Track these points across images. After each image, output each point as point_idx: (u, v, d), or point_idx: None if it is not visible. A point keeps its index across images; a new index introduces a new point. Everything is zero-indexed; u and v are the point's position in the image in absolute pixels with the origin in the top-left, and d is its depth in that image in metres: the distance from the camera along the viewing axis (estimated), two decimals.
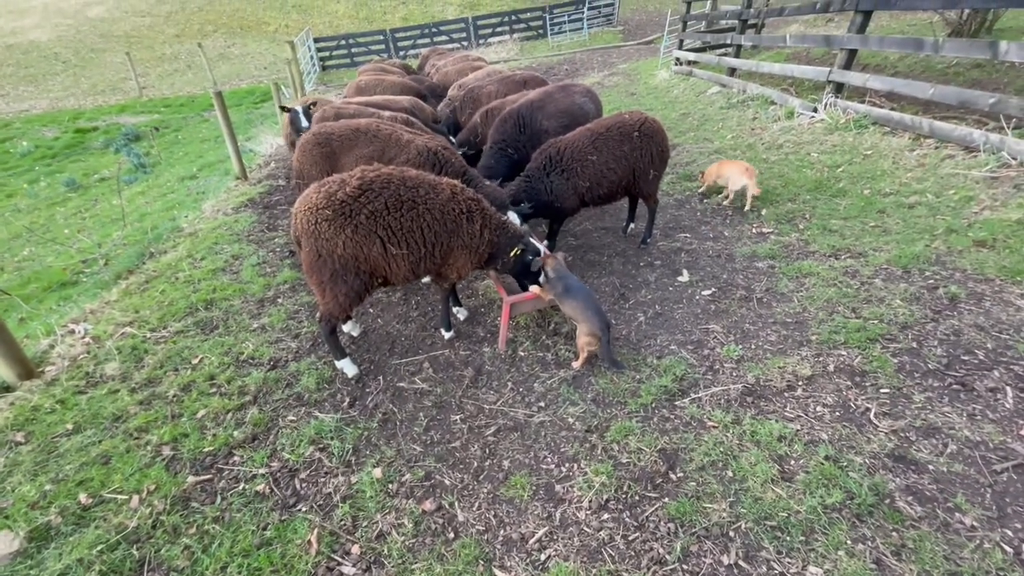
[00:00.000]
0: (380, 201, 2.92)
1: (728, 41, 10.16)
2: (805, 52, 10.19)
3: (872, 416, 2.79)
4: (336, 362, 3.41)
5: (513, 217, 3.86)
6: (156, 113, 14.60)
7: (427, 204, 3.03)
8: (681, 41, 11.85)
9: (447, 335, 3.77)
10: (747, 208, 5.66)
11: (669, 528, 2.38)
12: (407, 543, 2.45)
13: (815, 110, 6.90)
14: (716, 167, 5.76)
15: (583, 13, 20.28)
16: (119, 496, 2.71)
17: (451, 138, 6.22)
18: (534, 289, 3.46)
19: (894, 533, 2.28)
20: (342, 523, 2.52)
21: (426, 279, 3.87)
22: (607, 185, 4.34)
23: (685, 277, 4.32)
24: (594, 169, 4.24)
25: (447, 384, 3.34)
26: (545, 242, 4.84)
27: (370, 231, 2.91)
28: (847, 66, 6.80)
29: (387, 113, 5.66)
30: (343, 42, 19.27)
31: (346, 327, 3.81)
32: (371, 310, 4.20)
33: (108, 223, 6.69)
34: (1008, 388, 2.83)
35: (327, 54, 19.14)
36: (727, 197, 5.42)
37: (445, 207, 3.09)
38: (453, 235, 3.15)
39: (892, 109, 6.41)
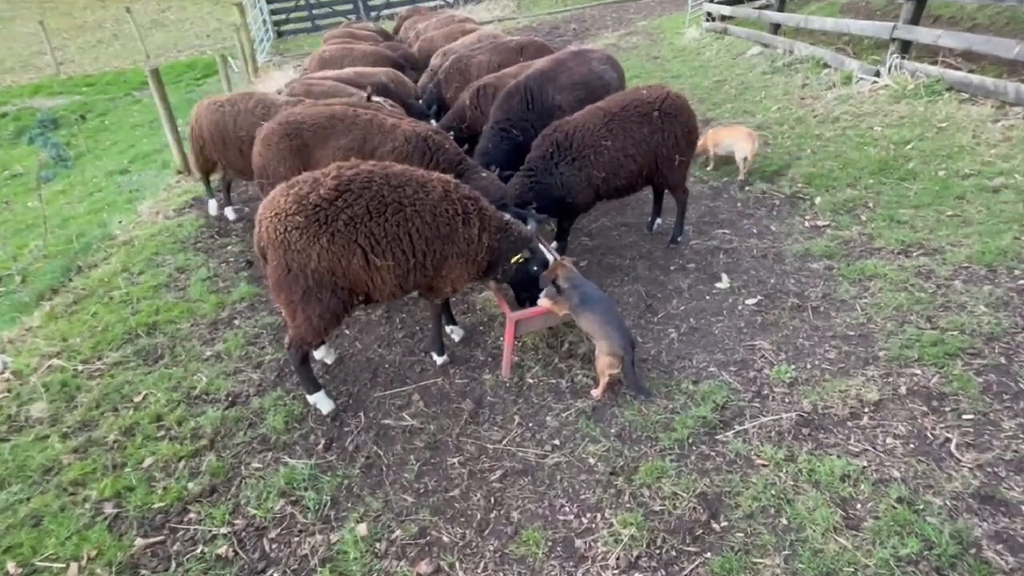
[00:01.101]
0: (361, 204, 2.97)
1: None
2: (863, 3, 10.29)
3: (953, 448, 2.83)
4: (308, 396, 3.46)
5: (526, 222, 3.90)
6: (77, 94, 14.78)
7: (416, 206, 3.07)
8: None
9: (440, 360, 3.79)
10: (740, 177, 5.80)
11: None
12: None
13: (877, 74, 6.99)
14: (712, 135, 5.87)
15: None
16: (54, 565, 2.76)
17: (432, 120, 6.28)
18: (543, 302, 3.50)
19: None
20: None
21: (414, 294, 3.92)
22: (625, 175, 4.38)
23: (725, 283, 4.35)
24: (610, 156, 4.30)
25: (442, 420, 3.39)
26: (554, 243, 4.94)
27: (350, 240, 2.96)
28: (914, 20, 6.89)
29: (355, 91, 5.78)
30: (302, 2, 19.50)
31: (318, 354, 3.89)
32: (348, 332, 4.25)
33: (23, 230, 6.77)
34: None
35: (283, 17, 19.27)
36: (712, 163, 5.51)
37: (437, 208, 3.14)
38: (447, 241, 3.20)
39: (970, 71, 6.49)
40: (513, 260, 3.46)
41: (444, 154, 4.21)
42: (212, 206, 6.02)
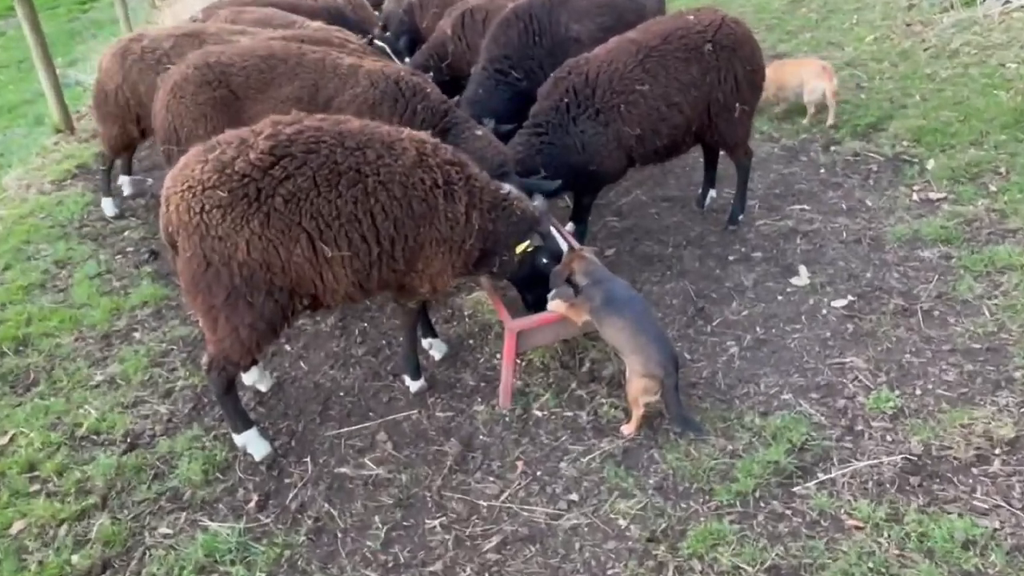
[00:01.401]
0: (305, 173, 2.97)
1: None
2: None
3: None
4: (236, 437, 3.45)
5: (531, 196, 3.89)
6: None
7: (381, 175, 3.09)
8: None
9: (415, 386, 3.81)
10: (830, 123, 5.82)
11: None
12: None
13: None
14: (772, 71, 5.82)
15: None
16: None
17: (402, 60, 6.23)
18: (555, 306, 3.49)
19: None
20: None
21: (380, 296, 3.94)
22: (668, 132, 4.39)
23: (803, 278, 4.35)
24: (647, 107, 4.31)
25: (418, 468, 3.39)
26: (570, 226, 4.96)
27: (291, 222, 2.97)
28: None
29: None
30: None
31: (248, 378, 3.88)
32: (289, 348, 4.26)
33: None
34: None
35: None
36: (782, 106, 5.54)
37: (410, 178, 3.15)
38: (423, 223, 3.22)
39: None
40: (518, 249, 3.48)
41: (424, 102, 4.21)
42: (108, 207, 5.71)
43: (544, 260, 3.61)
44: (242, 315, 3.04)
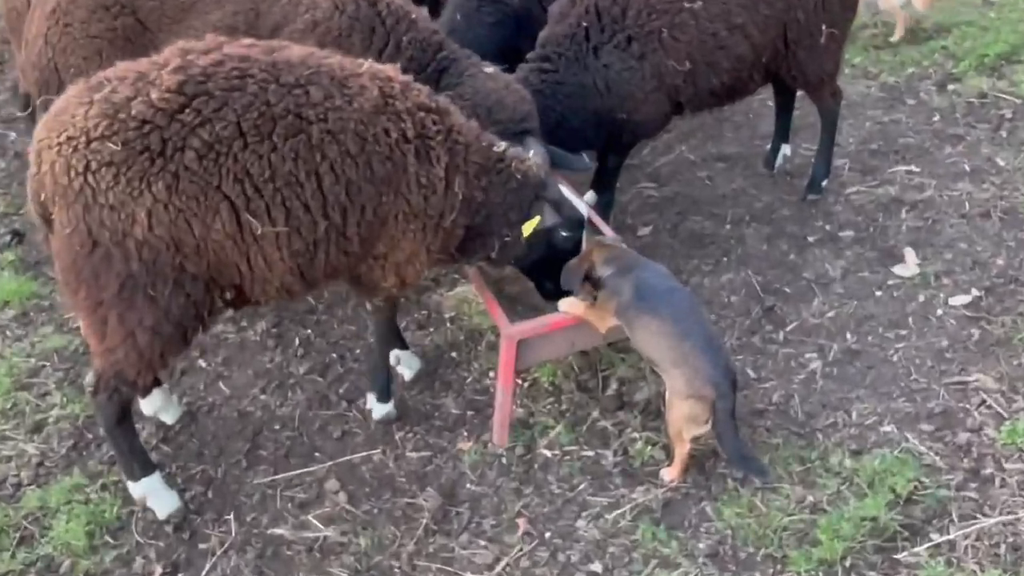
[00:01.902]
0: (227, 118, 2.97)
1: None
2: None
3: None
4: (132, 486, 3.42)
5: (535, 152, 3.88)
6: None
7: (330, 122, 3.10)
8: None
9: (381, 411, 3.83)
10: (895, 38, 5.86)
11: None
12: None
13: None
14: None
15: None
16: None
17: None
18: (568, 305, 3.51)
19: None
20: None
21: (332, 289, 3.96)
22: (728, 65, 4.42)
23: (910, 267, 4.35)
24: (698, 32, 4.31)
25: (382, 528, 3.37)
26: (591, 195, 4.91)
27: (207, 186, 2.97)
28: None
29: None
30: None
31: (149, 405, 3.87)
32: (205, 363, 4.26)
33: None
34: None
35: None
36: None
37: (369, 128, 3.17)
38: (387, 190, 3.25)
39: None
40: (526, 229, 3.53)
41: (412, 33, 4.19)
42: None
43: (564, 234, 3.63)
44: (140, 314, 3.02)
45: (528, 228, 3.54)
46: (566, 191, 3.90)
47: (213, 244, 3.03)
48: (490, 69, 4.20)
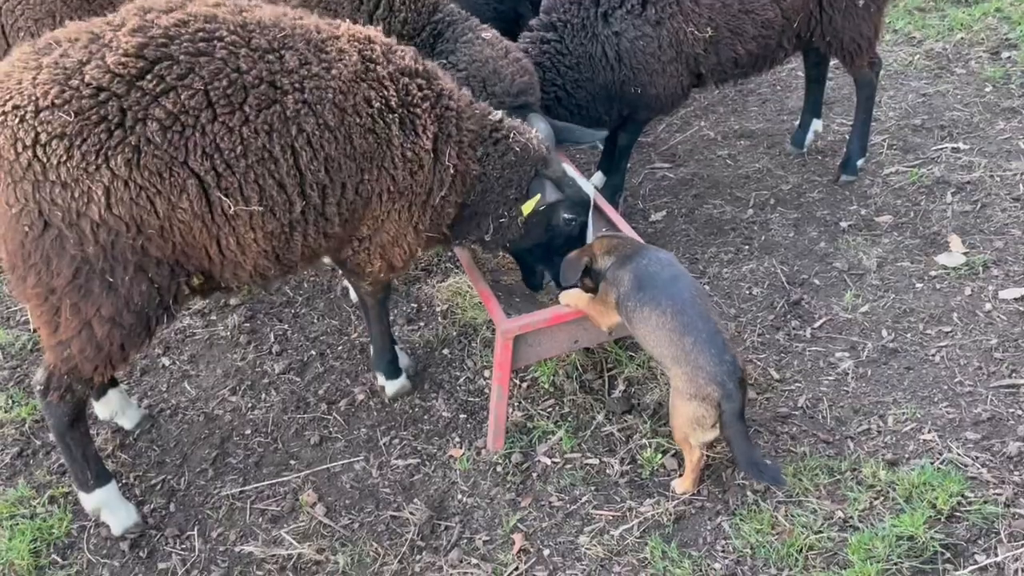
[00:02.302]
0: (193, 85, 2.93)
1: None
2: None
3: None
4: (84, 497, 3.36)
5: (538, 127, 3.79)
6: None
7: (306, 91, 3.09)
8: None
9: (393, 388, 3.83)
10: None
11: None
12: None
13: None
14: None
15: None
16: None
17: None
18: (569, 298, 3.40)
19: None
20: None
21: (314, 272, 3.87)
22: (756, 32, 4.37)
23: (956, 256, 4.28)
24: None
25: (363, 544, 3.29)
26: (598, 176, 4.84)
27: (172, 161, 2.92)
28: None
29: None
30: None
31: (104, 409, 3.84)
32: (168, 360, 4.19)
33: None
34: None
35: None
36: None
37: (348, 96, 3.17)
38: (370, 165, 3.25)
39: None
40: (525, 209, 3.44)
41: None
42: None
43: (567, 216, 3.57)
44: (97, 303, 2.95)
45: (528, 208, 3.46)
46: (571, 171, 3.79)
47: (179, 225, 2.99)
48: (488, 35, 4.12)
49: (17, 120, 2.78)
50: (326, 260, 4.21)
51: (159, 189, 2.90)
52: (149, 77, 2.85)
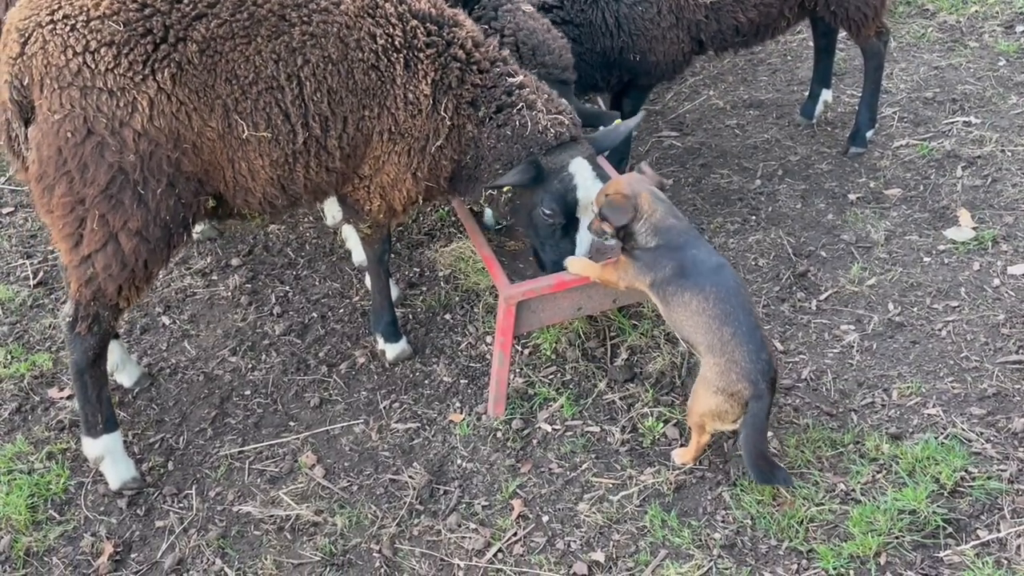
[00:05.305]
0: (221, 15, 3.05)
1: None
2: None
3: None
4: (89, 443, 3.37)
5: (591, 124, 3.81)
6: None
7: (312, 24, 3.17)
8: None
9: (393, 351, 3.84)
10: None
11: None
12: None
13: None
14: None
15: None
16: None
17: None
18: (578, 267, 3.38)
19: None
20: None
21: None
22: (755, 1, 4.31)
23: (965, 230, 4.29)
24: None
25: (361, 507, 3.31)
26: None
27: (206, 82, 3.07)
28: None
29: None
30: None
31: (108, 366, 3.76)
32: (168, 320, 4.19)
33: None
34: None
35: None
36: None
37: (352, 32, 3.23)
38: (371, 103, 3.30)
39: None
40: (533, 154, 3.38)
41: None
42: None
43: (545, 211, 3.49)
44: (126, 215, 3.03)
45: (503, 184, 3.41)
46: (592, 171, 3.54)
47: (207, 143, 3.12)
48: (528, 7, 4.09)
49: (68, 28, 2.86)
50: (330, 216, 4.16)
51: (196, 107, 3.03)
52: (186, 1, 2.98)
